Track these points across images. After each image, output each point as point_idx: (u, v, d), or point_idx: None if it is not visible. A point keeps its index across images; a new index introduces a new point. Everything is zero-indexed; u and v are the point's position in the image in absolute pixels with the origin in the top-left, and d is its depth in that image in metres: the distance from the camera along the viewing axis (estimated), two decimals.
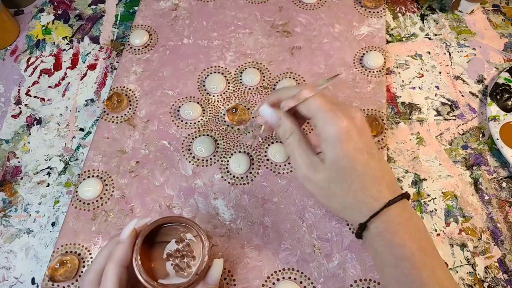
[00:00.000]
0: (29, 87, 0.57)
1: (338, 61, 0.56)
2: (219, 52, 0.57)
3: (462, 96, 0.55)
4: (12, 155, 0.52)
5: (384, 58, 0.55)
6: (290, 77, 0.54)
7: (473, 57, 0.58)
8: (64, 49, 0.60)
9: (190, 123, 0.52)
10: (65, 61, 0.59)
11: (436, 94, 0.55)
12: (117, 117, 0.52)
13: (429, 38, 0.59)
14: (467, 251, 0.45)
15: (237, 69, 0.55)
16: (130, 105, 0.53)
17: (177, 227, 0.37)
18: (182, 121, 0.52)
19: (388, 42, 0.59)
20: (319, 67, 0.55)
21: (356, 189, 0.35)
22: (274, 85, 0.54)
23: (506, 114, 0.51)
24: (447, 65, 0.57)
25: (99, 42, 0.60)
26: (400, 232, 0.34)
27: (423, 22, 0.61)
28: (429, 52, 0.58)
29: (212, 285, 0.35)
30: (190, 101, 0.53)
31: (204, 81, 0.54)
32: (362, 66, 0.55)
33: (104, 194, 0.47)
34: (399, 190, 0.36)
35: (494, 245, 0.46)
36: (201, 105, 0.53)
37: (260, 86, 0.54)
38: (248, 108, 0.52)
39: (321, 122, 0.35)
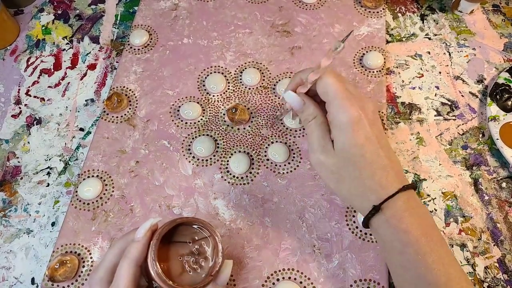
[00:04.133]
0: (29, 87, 0.57)
1: (337, 61, 0.56)
2: (219, 52, 0.57)
3: (462, 96, 0.55)
4: (12, 155, 0.52)
5: (384, 58, 0.55)
6: (290, 77, 0.54)
7: (473, 57, 0.58)
8: (64, 49, 0.60)
9: (190, 122, 0.52)
10: (65, 61, 0.59)
11: (436, 94, 0.55)
12: (117, 117, 0.52)
13: (429, 38, 0.59)
14: (467, 251, 0.45)
15: (237, 69, 0.55)
16: (130, 105, 0.53)
17: (190, 228, 0.37)
18: (182, 120, 0.52)
19: (388, 42, 0.59)
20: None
21: (365, 176, 0.35)
22: (274, 85, 0.54)
23: (506, 114, 0.51)
24: (447, 65, 0.57)
25: (99, 42, 0.60)
26: (406, 218, 0.34)
27: (423, 22, 0.61)
28: (429, 52, 0.58)
29: (221, 285, 0.35)
30: (190, 101, 0.53)
31: (204, 81, 0.54)
32: (362, 66, 0.55)
33: (104, 194, 0.47)
34: (407, 180, 0.37)
35: (494, 245, 0.46)
36: (201, 105, 0.53)
37: (260, 86, 0.54)
38: (248, 108, 0.52)
39: (335, 109, 0.35)
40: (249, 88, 0.54)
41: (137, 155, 0.50)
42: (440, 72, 0.56)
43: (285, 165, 0.49)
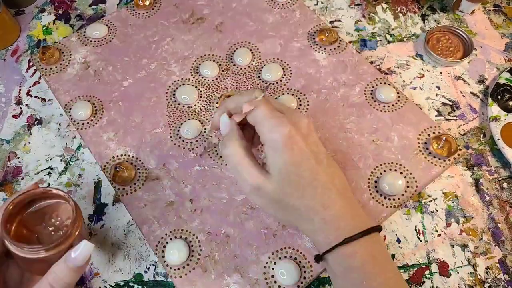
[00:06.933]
0: (30, 87, 0.57)
1: (258, 12, 0.59)
2: (163, 71, 0.55)
3: (463, 96, 0.55)
4: (13, 155, 0.52)
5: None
6: (241, 47, 0.57)
7: (474, 57, 0.58)
8: None
9: (197, 140, 0.50)
10: None
11: (437, 95, 0.55)
12: (134, 183, 0.48)
13: None
14: (468, 251, 0.45)
15: (191, 71, 0.55)
16: (135, 166, 0.49)
17: (55, 202, 0.38)
18: (191, 142, 0.50)
19: (389, 42, 0.59)
20: (249, 26, 0.58)
21: (308, 196, 0.34)
22: (231, 60, 0.56)
23: (507, 115, 0.51)
24: (448, 65, 0.57)
25: None
26: (351, 242, 0.33)
27: (424, 22, 0.61)
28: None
29: (72, 265, 0.32)
30: (181, 123, 0.51)
31: (175, 100, 0.53)
32: (278, 3, 0.60)
33: (192, 245, 0.44)
34: (352, 201, 0.36)
35: (495, 245, 0.46)
36: (198, 120, 0.51)
37: (222, 71, 0.55)
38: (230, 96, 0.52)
39: (266, 129, 0.34)
40: (213, 80, 0.54)
41: (185, 195, 0.47)
42: (441, 72, 0.56)
43: (298, 108, 0.52)
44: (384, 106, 0.51)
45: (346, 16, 0.61)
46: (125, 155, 0.49)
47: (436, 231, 0.46)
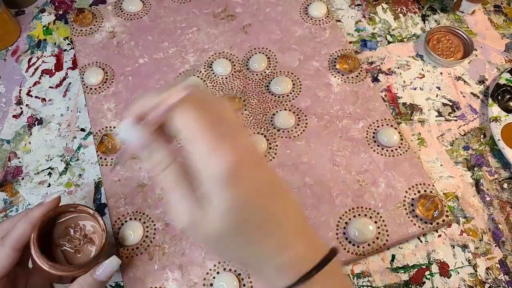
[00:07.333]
0: (30, 87, 0.57)
1: (289, 22, 0.58)
2: (179, 58, 0.56)
3: (463, 96, 0.55)
4: (13, 155, 0.52)
5: (327, 6, 0.59)
6: (260, 52, 0.56)
7: (475, 57, 0.58)
8: (65, 50, 0.60)
9: None
10: (66, 62, 0.59)
11: (437, 95, 0.55)
12: (116, 157, 0.49)
13: None
14: (468, 252, 0.45)
15: (204, 65, 0.56)
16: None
17: (79, 215, 0.39)
18: None
19: (389, 42, 0.59)
20: (276, 34, 0.58)
21: (258, 240, 0.27)
22: (246, 64, 0.55)
23: (508, 115, 0.51)
24: (448, 66, 0.57)
25: None
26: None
27: (424, 23, 0.61)
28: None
29: (99, 279, 0.34)
30: None
31: None
32: (311, 18, 0.58)
33: (148, 231, 0.45)
34: (310, 233, 0.30)
35: (495, 246, 0.46)
36: None
37: (234, 71, 0.55)
38: (240, 97, 0.53)
39: (200, 158, 0.25)
40: (222, 78, 0.54)
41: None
42: (441, 73, 0.56)
43: (295, 127, 0.50)
44: (382, 149, 0.49)
45: (346, 17, 0.61)
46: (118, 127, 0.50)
47: (437, 231, 0.46)
